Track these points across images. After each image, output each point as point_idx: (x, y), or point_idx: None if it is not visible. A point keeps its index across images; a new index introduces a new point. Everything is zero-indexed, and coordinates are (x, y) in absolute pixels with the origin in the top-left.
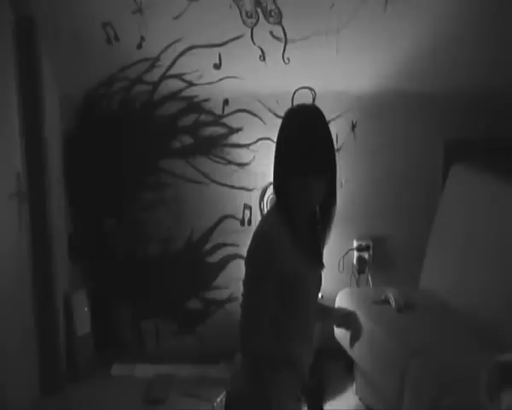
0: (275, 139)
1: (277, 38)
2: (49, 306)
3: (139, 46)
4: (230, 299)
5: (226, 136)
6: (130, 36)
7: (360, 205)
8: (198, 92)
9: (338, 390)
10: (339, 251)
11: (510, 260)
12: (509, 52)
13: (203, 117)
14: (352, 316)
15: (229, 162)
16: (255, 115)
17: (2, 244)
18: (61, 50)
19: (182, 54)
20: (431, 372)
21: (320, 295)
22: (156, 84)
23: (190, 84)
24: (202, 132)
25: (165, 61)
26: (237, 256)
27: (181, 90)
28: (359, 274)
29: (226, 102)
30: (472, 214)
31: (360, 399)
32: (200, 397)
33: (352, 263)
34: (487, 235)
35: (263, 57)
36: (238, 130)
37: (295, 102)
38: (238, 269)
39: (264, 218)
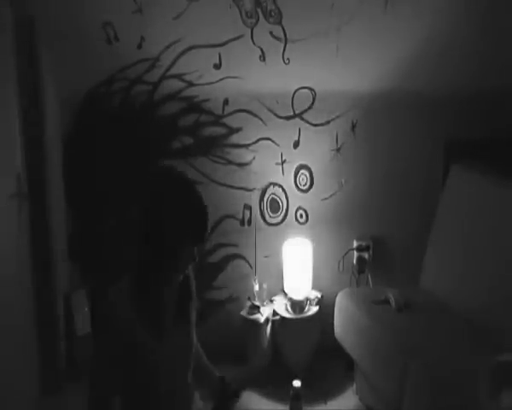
0: (275, 139)
1: (277, 38)
2: (49, 306)
3: (139, 46)
4: (230, 299)
5: (226, 136)
6: (130, 36)
7: (360, 205)
8: (198, 92)
9: (338, 390)
10: (339, 251)
11: (510, 260)
12: (510, 52)
13: (203, 117)
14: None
15: (229, 162)
16: (255, 115)
17: (2, 244)
18: (60, 50)
19: (182, 54)
20: (430, 372)
21: (320, 295)
22: (156, 85)
23: (190, 84)
24: (202, 132)
25: (165, 61)
26: (237, 256)
27: (181, 91)
28: (359, 274)
29: (226, 102)
30: (472, 214)
31: (360, 399)
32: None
33: (352, 263)
34: (487, 235)
35: (263, 57)
36: (238, 130)
37: (295, 103)
38: (238, 269)
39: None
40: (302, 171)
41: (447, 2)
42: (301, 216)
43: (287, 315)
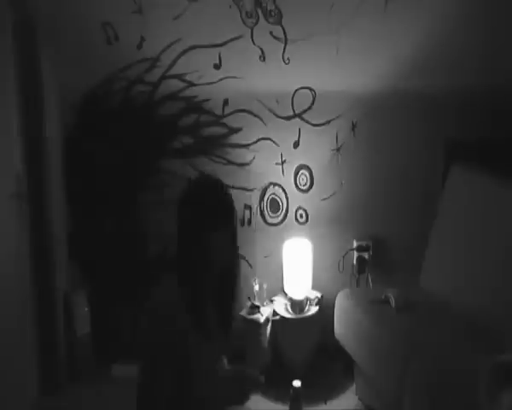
0: (275, 139)
1: (277, 38)
2: (49, 306)
3: (139, 46)
4: None
5: (226, 136)
6: (130, 36)
7: (360, 205)
8: (198, 92)
9: (338, 390)
10: (339, 251)
11: (510, 260)
12: (510, 52)
13: (203, 117)
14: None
15: (229, 162)
16: (255, 115)
17: (2, 244)
18: (61, 50)
19: (182, 54)
20: (431, 372)
21: (320, 295)
22: (156, 84)
23: (190, 84)
24: (202, 132)
25: (165, 61)
26: None
27: (181, 90)
28: (359, 274)
29: (226, 102)
30: (472, 214)
31: (360, 399)
32: None
33: (352, 263)
34: (487, 235)
35: (263, 57)
36: (238, 130)
37: (295, 103)
38: None
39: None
40: (302, 171)
41: (447, 3)
42: (301, 216)
43: (287, 315)
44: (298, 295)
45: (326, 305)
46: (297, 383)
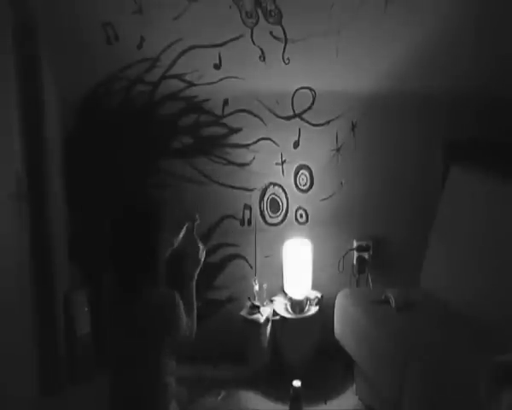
0: (275, 139)
1: (277, 38)
2: (49, 306)
3: (139, 46)
4: (230, 299)
5: (226, 136)
6: (130, 36)
7: (360, 205)
8: (198, 92)
9: (338, 390)
10: (339, 251)
11: (510, 260)
12: (509, 52)
13: (203, 117)
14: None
15: (229, 162)
16: (255, 115)
17: (2, 244)
18: (60, 50)
19: (182, 54)
20: (431, 372)
21: (320, 295)
22: (156, 84)
23: (190, 84)
24: (202, 132)
25: (165, 61)
26: (237, 256)
27: (181, 90)
28: (359, 274)
29: (226, 102)
30: (472, 215)
31: (360, 399)
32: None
33: (352, 263)
34: (487, 235)
35: (263, 57)
36: (238, 130)
37: (295, 103)
38: (238, 269)
39: None
40: (302, 171)
41: (446, 4)
42: (301, 216)
43: (287, 315)
44: (298, 295)
45: (326, 305)
46: (297, 383)
